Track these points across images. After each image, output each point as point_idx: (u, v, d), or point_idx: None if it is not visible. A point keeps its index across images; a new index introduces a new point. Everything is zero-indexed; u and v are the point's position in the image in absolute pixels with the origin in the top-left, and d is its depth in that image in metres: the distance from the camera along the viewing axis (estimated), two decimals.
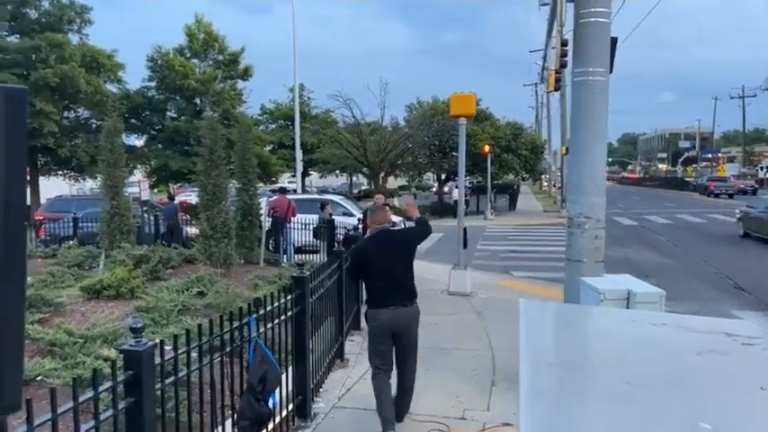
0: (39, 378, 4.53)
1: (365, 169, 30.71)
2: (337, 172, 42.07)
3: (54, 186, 24.13)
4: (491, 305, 8.61)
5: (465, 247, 10.01)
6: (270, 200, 12.79)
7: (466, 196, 21.89)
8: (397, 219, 11.08)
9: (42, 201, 19.54)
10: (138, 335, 2.52)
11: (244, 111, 30.05)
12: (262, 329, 3.80)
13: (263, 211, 11.26)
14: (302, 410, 4.55)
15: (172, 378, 2.87)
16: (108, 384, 2.36)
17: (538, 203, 38.05)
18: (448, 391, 5.12)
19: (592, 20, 5.37)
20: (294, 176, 29.61)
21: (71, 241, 12.96)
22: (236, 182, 11.07)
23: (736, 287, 10.10)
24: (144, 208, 13.84)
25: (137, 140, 29.95)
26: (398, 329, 4.32)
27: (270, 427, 3.70)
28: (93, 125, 25.00)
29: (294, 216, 12.83)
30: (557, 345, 2.03)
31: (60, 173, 25.84)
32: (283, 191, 14.45)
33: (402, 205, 5.14)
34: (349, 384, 5.37)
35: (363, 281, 4.77)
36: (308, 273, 4.75)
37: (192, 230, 12.68)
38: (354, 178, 49.59)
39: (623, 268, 9.73)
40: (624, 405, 1.41)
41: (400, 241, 4.61)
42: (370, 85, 49.68)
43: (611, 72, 5.61)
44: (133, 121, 28.50)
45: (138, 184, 15.53)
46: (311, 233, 12.28)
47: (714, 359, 1.73)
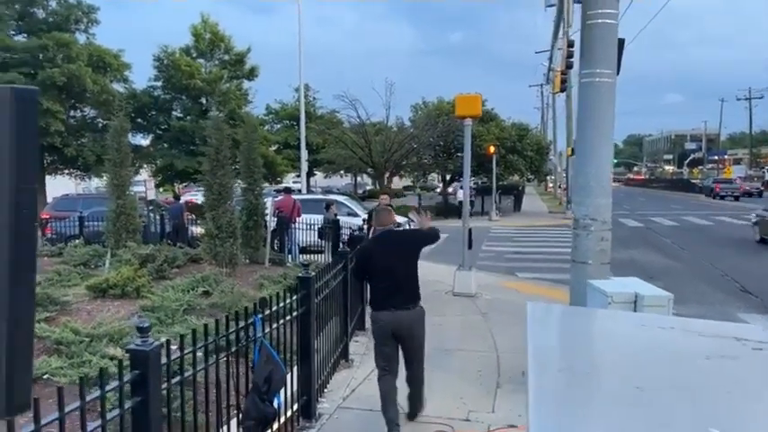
0: (45, 376, 4.55)
1: (370, 169, 30.75)
2: (342, 172, 42.13)
3: (60, 185, 24.18)
4: (496, 306, 8.59)
5: (470, 247, 9.99)
6: (275, 200, 12.80)
7: (471, 197, 21.75)
8: (401, 219, 11.07)
9: (48, 199, 19.61)
10: (145, 334, 2.51)
11: (249, 111, 30.07)
12: (267, 329, 3.80)
13: (268, 210, 11.28)
14: (307, 411, 4.56)
15: (178, 378, 2.87)
16: (115, 384, 2.36)
17: (543, 205, 37.91)
18: (452, 392, 5.11)
19: (599, 21, 5.35)
20: (299, 176, 29.61)
21: (77, 240, 12.96)
22: (241, 182, 11.09)
23: (742, 290, 10.04)
24: (150, 207, 13.89)
25: (143, 140, 30.04)
26: (400, 332, 4.31)
27: (275, 427, 3.70)
28: (100, 124, 25.09)
29: (299, 216, 12.83)
30: (565, 348, 2.02)
31: (66, 172, 25.91)
32: (288, 191, 14.46)
33: (418, 222, 5.11)
34: (354, 385, 5.36)
35: (368, 282, 4.76)
36: (314, 273, 4.75)
37: (198, 230, 12.70)
38: (359, 178, 49.65)
39: (629, 270, 9.74)
40: (632, 409, 1.41)
41: (403, 242, 4.60)
42: (376, 85, 49.95)
43: (618, 74, 5.59)
44: (139, 120, 28.56)
45: (144, 183, 15.58)
46: (316, 233, 12.29)
47: (724, 364, 1.72)
